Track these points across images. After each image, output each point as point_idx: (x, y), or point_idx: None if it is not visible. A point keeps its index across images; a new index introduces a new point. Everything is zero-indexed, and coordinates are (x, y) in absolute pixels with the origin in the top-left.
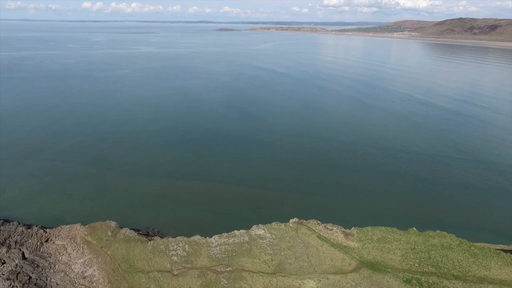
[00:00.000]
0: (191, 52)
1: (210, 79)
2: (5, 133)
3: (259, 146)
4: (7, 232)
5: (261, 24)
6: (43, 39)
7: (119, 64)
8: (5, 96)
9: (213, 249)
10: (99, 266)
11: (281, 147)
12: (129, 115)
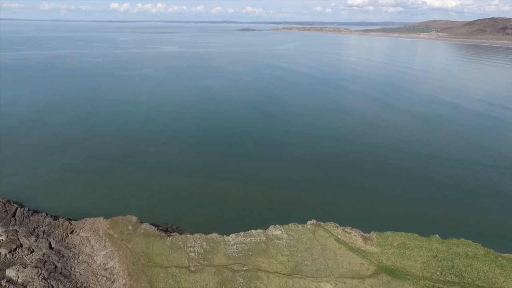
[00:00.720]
0: (213, 51)
1: (232, 78)
2: (38, 129)
3: (279, 146)
4: (36, 222)
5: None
6: (73, 38)
7: (143, 63)
8: (39, 93)
9: (230, 248)
10: (120, 259)
11: (302, 148)
12: (153, 113)
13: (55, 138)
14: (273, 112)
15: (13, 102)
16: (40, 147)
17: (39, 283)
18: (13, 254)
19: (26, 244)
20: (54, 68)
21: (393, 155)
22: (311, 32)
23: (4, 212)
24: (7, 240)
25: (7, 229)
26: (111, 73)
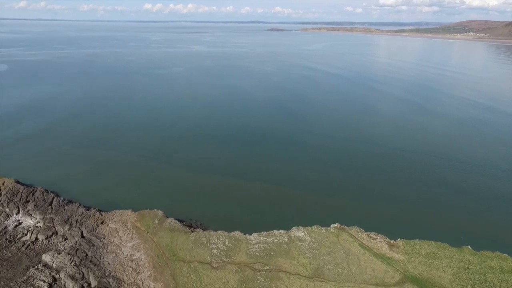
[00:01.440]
0: (242, 51)
1: (260, 78)
2: (78, 124)
3: (306, 147)
4: (70, 211)
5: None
6: (109, 38)
7: (173, 62)
8: (79, 90)
9: (252, 247)
10: (146, 251)
11: (328, 150)
12: (184, 112)
13: (92, 133)
14: (300, 112)
15: (56, 98)
16: (78, 141)
17: (71, 269)
18: (49, 240)
19: (60, 231)
20: (91, 66)
21: (424, 160)
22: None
23: (42, 200)
24: (44, 227)
25: (44, 216)
26: (143, 72)
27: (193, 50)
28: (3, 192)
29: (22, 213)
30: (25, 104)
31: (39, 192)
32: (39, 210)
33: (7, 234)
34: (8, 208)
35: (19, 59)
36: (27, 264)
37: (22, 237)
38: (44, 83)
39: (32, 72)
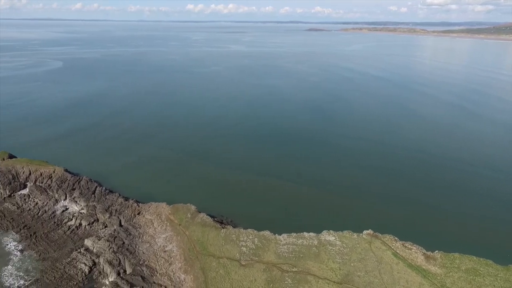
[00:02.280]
0: (280, 51)
1: (298, 78)
2: (124, 119)
3: (342, 151)
4: (110, 201)
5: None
6: (153, 37)
7: (213, 61)
8: (127, 86)
9: (281, 247)
10: (178, 243)
11: (365, 154)
12: (223, 110)
13: (137, 129)
14: (338, 114)
15: (105, 94)
16: (123, 135)
17: (109, 255)
18: (91, 227)
19: (101, 219)
20: (137, 64)
21: (470, 170)
22: (383, 33)
23: (87, 189)
24: (87, 214)
25: (88, 204)
26: (185, 70)
27: (232, 50)
28: (53, 179)
29: (68, 200)
30: (78, 99)
31: (84, 181)
32: (83, 197)
33: (55, 218)
34: (57, 194)
35: (73, 56)
36: (71, 247)
37: (68, 221)
38: (95, 80)
39: (84, 69)
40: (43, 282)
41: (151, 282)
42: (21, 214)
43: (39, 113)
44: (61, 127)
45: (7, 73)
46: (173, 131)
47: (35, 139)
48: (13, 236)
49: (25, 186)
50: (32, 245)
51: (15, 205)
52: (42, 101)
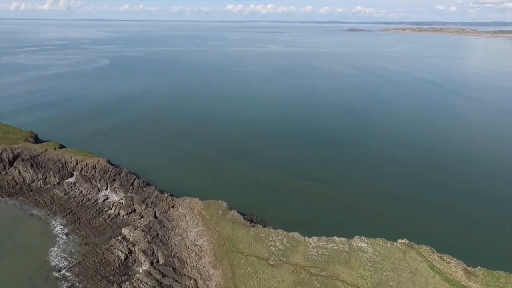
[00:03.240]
0: (317, 51)
1: (337, 79)
2: (165, 117)
3: (378, 156)
4: (146, 193)
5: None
6: (193, 37)
7: (250, 60)
8: (169, 84)
9: (310, 250)
10: (208, 238)
11: (404, 161)
12: (261, 110)
13: (177, 126)
14: (378, 118)
15: (149, 91)
16: (164, 132)
17: (144, 245)
18: (129, 216)
19: (138, 210)
20: (178, 62)
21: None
22: (428, 33)
23: (126, 180)
24: (125, 204)
25: (126, 195)
26: (223, 69)
27: (269, 50)
28: (97, 170)
29: (109, 190)
30: (123, 95)
31: (124, 172)
32: (123, 188)
33: (97, 206)
34: (99, 184)
35: (119, 55)
36: (110, 234)
37: (108, 210)
38: (139, 77)
39: (129, 67)
40: (84, 265)
41: (181, 274)
42: (67, 201)
43: (87, 108)
44: (106, 121)
45: (62, 70)
46: (211, 129)
47: (82, 132)
48: (60, 220)
49: (72, 174)
50: (76, 230)
51: (63, 192)
52: (90, 96)
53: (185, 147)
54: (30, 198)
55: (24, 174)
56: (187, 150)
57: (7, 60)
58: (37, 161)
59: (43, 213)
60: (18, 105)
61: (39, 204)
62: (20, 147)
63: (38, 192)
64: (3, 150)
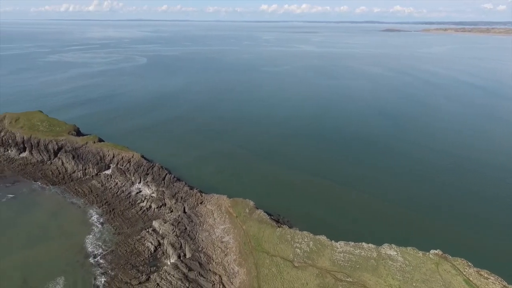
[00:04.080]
0: (351, 52)
1: (371, 81)
2: (200, 115)
3: (415, 162)
4: (177, 188)
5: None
6: (227, 37)
7: (283, 60)
8: (203, 83)
9: (337, 254)
10: (234, 236)
11: (444, 169)
12: (294, 111)
13: (209, 124)
14: (416, 122)
15: (184, 90)
16: (196, 130)
17: (172, 238)
18: (159, 210)
19: (168, 204)
20: (212, 61)
21: None
22: (472, 34)
23: (158, 175)
24: (157, 198)
25: (158, 189)
26: (256, 69)
27: (301, 50)
28: (131, 163)
29: (142, 183)
30: (159, 94)
31: (157, 167)
32: (155, 182)
33: (130, 198)
34: (133, 177)
35: (156, 54)
36: (141, 226)
37: (140, 203)
38: (174, 76)
39: (165, 66)
40: (116, 253)
41: (207, 269)
42: (104, 192)
43: (125, 105)
44: (142, 118)
45: (104, 67)
46: (243, 129)
47: (120, 127)
48: (97, 210)
49: (108, 167)
50: (110, 220)
51: (100, 183)
52: (129, 94)
53: (216, 146)
54: (70, 187)
55: (66, 164)
56: (218, 148)
57: (55, 58)
58: (78, 153)
59: (81, 202)
60: (65, 100)
61: (79, 194)
62: (64, 140)
63: (78, 182)
64: (49, 142)
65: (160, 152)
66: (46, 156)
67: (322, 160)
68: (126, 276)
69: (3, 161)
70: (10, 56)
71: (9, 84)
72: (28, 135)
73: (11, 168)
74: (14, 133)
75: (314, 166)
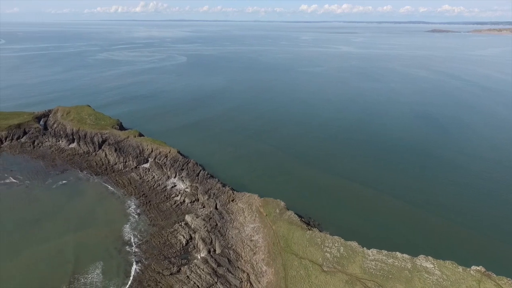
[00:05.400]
0: (393, 53)
1: (414, 84)
2: (239, 115)
3: (459, 171)
4: (209, 184)
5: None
6: (265, 37)
7: (321, 61)
8: (242, 83)
9: (368, 262)
10: (264, 235)
11: (495, 181)
12: (333, 114)
13: (247, 125)
14: (465, 129)
15: (224, 89)
16: (233, 129)
17: (203, 233)
18: (192, 205)
19: (201, 199)
20: (250, 61)
21: None
22: None
23: (193, 171)
24: (190, 193)
25: (192, 184)
26: (294, 69)
27: (339, 51)
28: (168, 158)
29: (177, 178)
30: (200, 92)
31: (191, 163)
32: (189, 178)
33: (166, 191)
34: (169, 172)
35: (196, 53)
36: (174, 219)
37: (174, 196)
38: (213, 75)
39: (204, 65)
40: (151, 244)
41: (235, 266)
42: (142, 184)
43: (165, 102)
44: (181, 116)
45: (147, 66)
46: (280, 130)
47: (159, 123)
48: (134, 201)
49: (147, 160)
50: (146, 211)
51: (138, 176)
52: (169, 93)
53: (252, 145)
54: (112, 178)
55: (109, 156)
56: (253, 148)
57: (104, 56)
58: (120, 146)
59: (121, 193)
60: (110, 96)
61: (119, 184)
62: (108, 133)
63: (118, 174)
64: (95, 135)
65: (196, 148)
66: (91, 147)
67: (358, 165)
68: (158, 266)
69: (55, 150)
70: (66, 54)
71: (63, 80)
72: (77, 127)
73: (61, 158)
74: (65, 125)
75: (349, 170)
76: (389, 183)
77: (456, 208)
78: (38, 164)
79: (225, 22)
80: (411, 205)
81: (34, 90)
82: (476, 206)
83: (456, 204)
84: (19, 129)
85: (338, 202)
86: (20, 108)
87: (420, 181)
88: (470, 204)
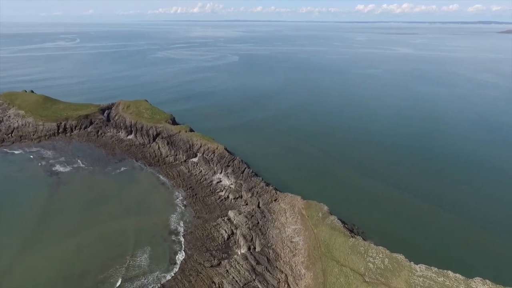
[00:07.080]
0: (457, 56)
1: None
2: (291, 117)
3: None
4: (253, 183)
5: None
6: (317, 37)
7: (371, 63)
8: (294, 85)
9: (415, 278)
10: (304, 238)
11: None
12: (387, 121)
13: (297, 126)
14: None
15: (277, 91)
16: (283, 131)
17: (244, 230)
18: (235, 201)
19: (244, 197)
20: (301, 62)
21: None
22: None
23: (238, 168)
24: (234, 189)
25: (236, 181)
26: (347, 70)
27: (395, 52)
28: (215, 154)
29: (223, 174)
30: (252, 92)
31: (237, 160)
32: (234, 175)
33: (211, 186)
34: (216, 167)
35: (247, 53)
36: (218, 213)
37: (219, 192)
38: (266, 75)
39: (254, 65)
40: (194, 235)
41: (274, 266)
42: (189, 177)
43: (217, 99)
44: (232, 114)
45: (202, 64)
46: (332, 134)
47: (210, 120)
48: (182, 193)
49: (195, 155)
50: (192, 203)
51: (187, 169)
52: (221, 91)
53: (300, 147)
54: (163, 169)
55: (161, 149)
56: (301, 150)
57: (162, 55)
58: (172, 140)
59: (170, 184)
60: (165, 92)
61: (169, 176)
62: (161, 127)
63: (169, 166)
64: (150, 128)
65: (243, 147)
66: (146, 140)
67: (410, 175)
68: (200, 257)
69: (115, 140)
70: (131, 52)
71: (126, 76)
72: (135, 120)
73: (120, 147)
74: (124, 118)
75: (400, 180)
76: (443, 197)
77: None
78: (100, 152)
79: (278, 22)
80: (467, 220)
81: (102, 86)
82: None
83: None
84: (86, 119)
85: (386, 212)
86: (89, 101)
87: (479, 197)
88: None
